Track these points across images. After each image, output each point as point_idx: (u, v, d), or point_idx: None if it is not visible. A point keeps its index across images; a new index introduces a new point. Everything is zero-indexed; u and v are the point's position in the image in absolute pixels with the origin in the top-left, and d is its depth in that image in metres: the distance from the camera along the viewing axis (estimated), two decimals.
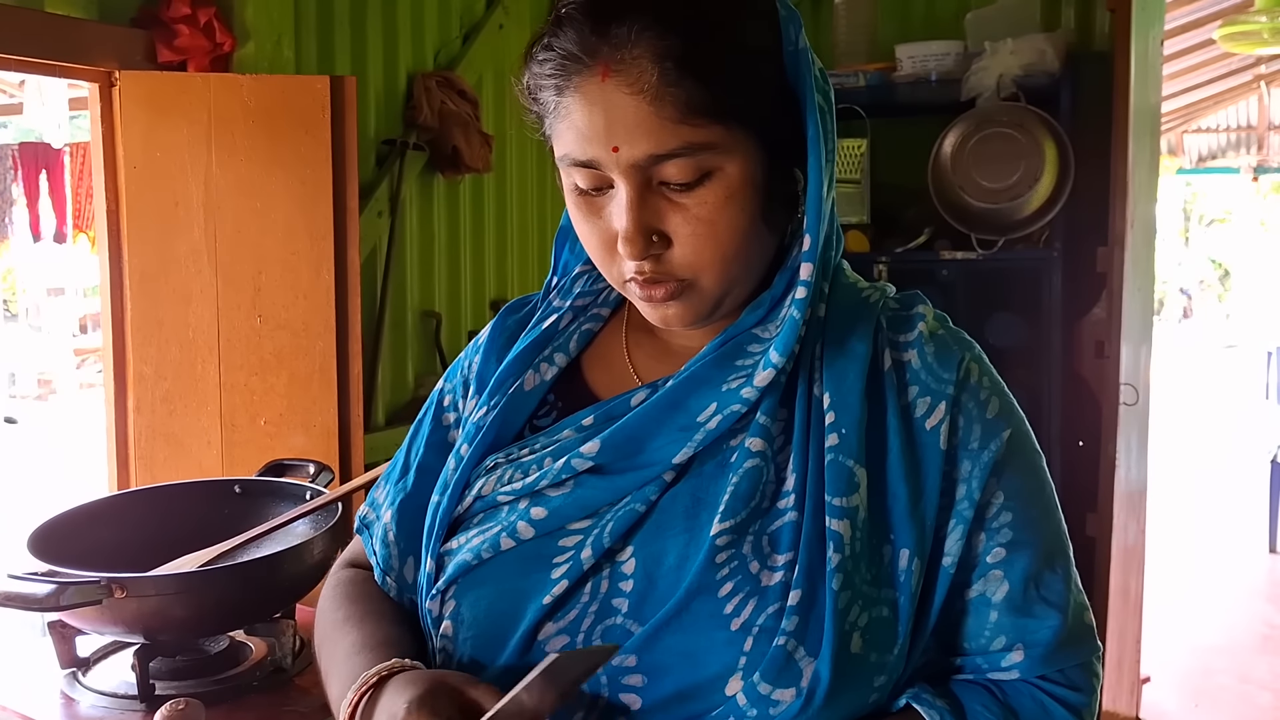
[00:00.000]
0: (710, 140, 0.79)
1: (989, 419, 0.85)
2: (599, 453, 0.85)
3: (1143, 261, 3.16)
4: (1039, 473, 0.87)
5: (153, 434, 1.91)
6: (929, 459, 0.83)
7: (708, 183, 0.80)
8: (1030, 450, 0.87)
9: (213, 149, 1.91)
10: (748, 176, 0.81)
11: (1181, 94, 9.02)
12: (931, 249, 3.07)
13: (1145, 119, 3.10)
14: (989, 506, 0.84)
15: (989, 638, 0.84)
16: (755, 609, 0.78)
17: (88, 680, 1.53)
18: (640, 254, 0.81)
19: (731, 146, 0.80)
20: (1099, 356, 3.00)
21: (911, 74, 3.09)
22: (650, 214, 0.81)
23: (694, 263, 0.82)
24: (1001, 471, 0.84)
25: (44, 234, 7.46)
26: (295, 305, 1.95)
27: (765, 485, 0.82)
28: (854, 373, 0.84)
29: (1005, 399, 0.87)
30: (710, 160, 0.79)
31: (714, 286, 0.84)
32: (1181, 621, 4.71)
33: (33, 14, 1.81)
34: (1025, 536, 0.84)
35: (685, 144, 0.78)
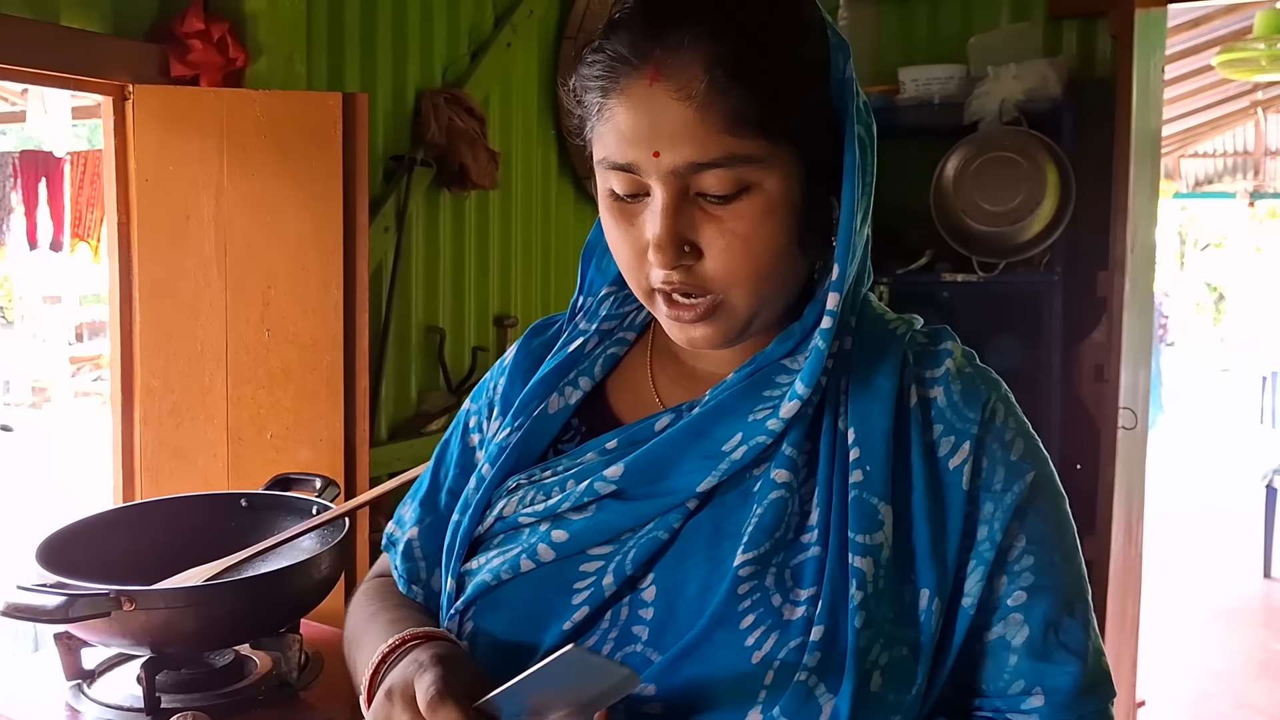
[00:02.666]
0: (753, 153, 0.78)
1: (1013, 461, 0.84)
2: (621, 477, 0.85)
3: (1142, 286, 3.18)
4: (1062, 517, 0.86)
5: (159, 446, 1.92)
6: (951, 499, 0.83)
7: (745, 196, 0.80)
8: (1054, 493, 0.86)
9: (224, 163, 1.92)
10: (786, 195, 0.81)
11: (1179, 119, 9.07)
12: (933, 271, 3.09)
13: (1146, 144, 3.12)
14: (1011, 549, 0.83)
15: (1008, 681, 0.83)
16: (777, 643, 0.78)
17: (93, 692, 1.53)
18: (671, 262, 0.81)
19: (774, 162, 0.79)
20: (1098, 380, 3.02)
21: (915, 97, 3.12)
22: (684, 223, 0.80)
23: (725, 277, 0.81)
24: (1025, 514, 0.83)
25: (41, 242, 7.48)
26: (304, 320, 1.96)
27: (790, 518, 0.82)
28: (879, 408, 0.84)
29: (1030, 441, 0.86)
30: (751, 174, 0.79)
31: (744, 304, 0.83)
32: (1178, 646, 4.72)
33: (48, 27, 1.82)
34: (1046, 581, 0.83)
35: (728, 154, 0.78)
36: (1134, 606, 3.31)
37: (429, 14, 2.59)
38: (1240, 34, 6.12)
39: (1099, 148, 2.95)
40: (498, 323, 2.84)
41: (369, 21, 2.42)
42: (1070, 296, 3.00)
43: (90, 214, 7.91)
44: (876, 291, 3.03)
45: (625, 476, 0.85)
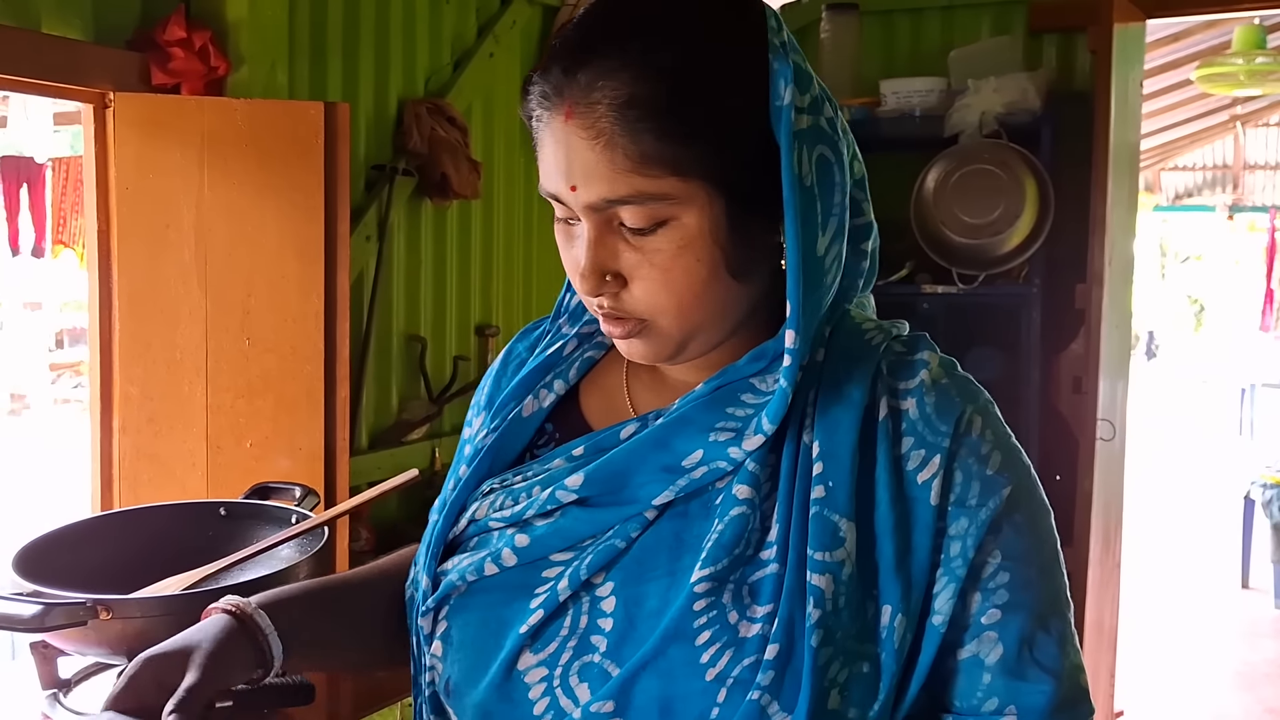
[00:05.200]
0: (663, 191, 0.79)
1: (989, 475, 0.82)
2: (582, 485, 0.86)
3: (1120, 298, 3.20)
4: (1041, 531, 0.84)
5: (137, 454, 1.91)
6: (919, 514, 0.81)
7: (662, 230, 0.80)
8: (1034, 507, 0.84)
9: (205, 172, 1.92)
10: (705, 229, 0.80)
11: (1159, 132, 9.15)
12: (913, 282, 3.11)
13: (1124, 158, 3.15)
14: (985, 566, 0.81)
15: (981, 699, 0.82)
16: (731, 660, 0.78)
17: (69, 702, 1.52)
18: (593, 291, 0.83)
19: (688, 198, 0.79)
20: (1076, 392, 3.04)
21: (895, 109, 3.14)
22: (607, 253, 0.82)
23: (647, 306, 0.83)
24: (1000, 529, 0.81)
25: (22, 248, 7.43)
26: (284, 328, 1.96)
27: (750, 533, 0.81)
28: (846, 422, 0.82)
29: (1010, 454, 0.84)
30: (664, 210, 0.79)
31: (672, 328, 0.84)
32: (1155, 657, 4.74)
33: (29, 34, 1.82)
34: (1022, 598, 0.81)
35: (636, 192, 0.79)
36: (1112, 617, 3.33)
37: (412, 24, 2.60)
38: (1219, 49, 6.18)
39: (1078, 161, 2.98)
40: (479, 332, 2.85)
41: (351, 31, 2.43)
42: (1049, 309, 3.02)
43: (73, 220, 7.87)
44: None
45: (586, 485, 0.85)
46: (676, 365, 0.90)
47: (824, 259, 0.82)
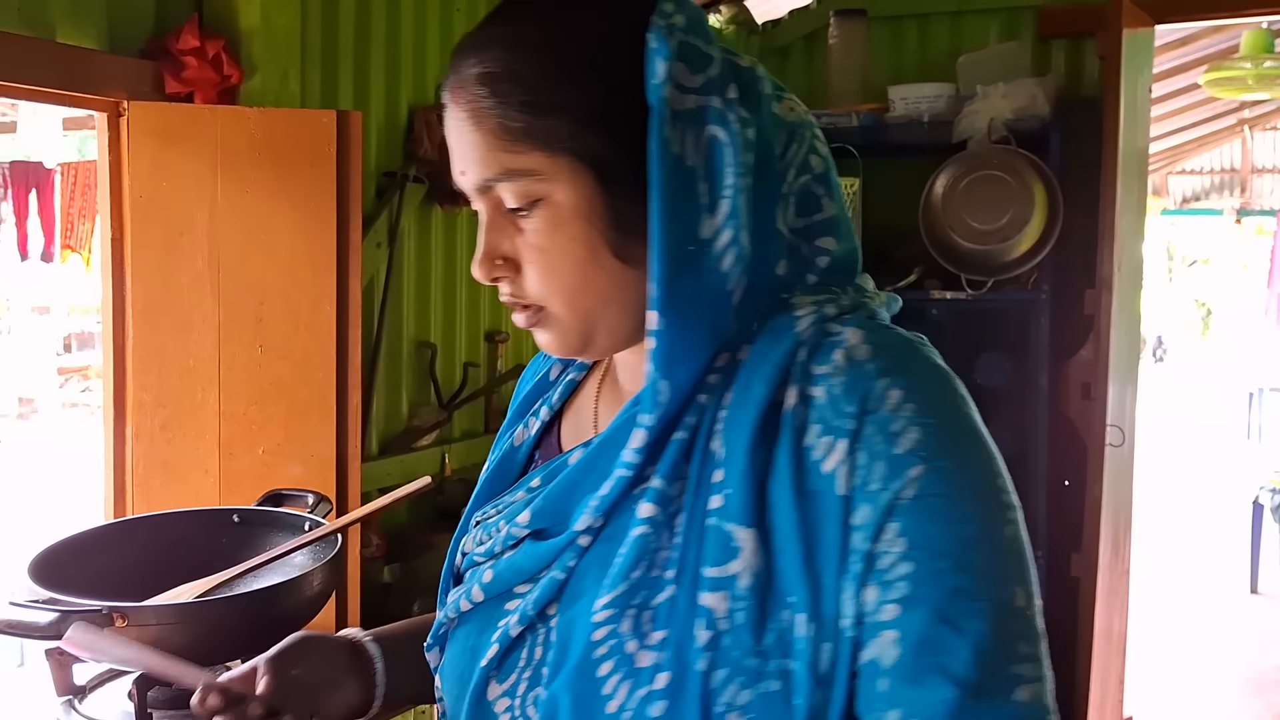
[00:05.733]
0: (530, 167, 0.79)
1: (896, 454, 0.73)
2: (530, 520, 0.85)
3: (1129, 304, 3.20)
4: (962, 519, 0.73)
5: (150, 461, 1.92)
6: (825, 508, 0.74)
7: (537, 210, 0.80)
8: (954, 490, 0.73)
9: (218, 180, 1.93)
10: (578, 208, 0.79)
11: (1167, 136, 9.14)
12: (921, 288, 3.10)
13: (1133, 163, 3.15)
14: (884, 556, 0.72)
15: (881, 710, 0.72)
16: (629, 691, 0.74)
17: (84, 708, 1.53)
18: (486, 276, 0.83)
19: (556, 175, 0.79)
20: (1086, 398, 3.03)
21: (904, 115, 3.14)
22: (499, 238, 0.82)
23: (538, 290, 0.82)
24: (904, 514, 0.72)
25: (31, 252, 7.46)
26: (296, 336, 1.97)
27: (654, 555, 0.77)
28: (744, 420, 0.77)
29: (929, 431, 0.73)
30: (536, 187, 0.80)
31: (566, 316, 0.82)
32: (1164, 662, 4.73)
33: (44, 44, 1.83)
34: (924, 592, 0.71)
35: (505, 170, 0.79)
36: (1121, 623, 3.32)
37: (422, 30, 2.61)
38: (1227, 53, 6.18)
39: (1086, 167, 2.98)
40: (489, 338, 2.85)
41: (362, 38, 2.44)
42: (1058, 314, 3.02)
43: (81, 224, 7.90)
44: None
45: (533, 519, 0.84)
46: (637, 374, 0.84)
47: (710, 242, 0.78)
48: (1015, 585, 0.73)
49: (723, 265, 0.78)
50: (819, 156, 0.85)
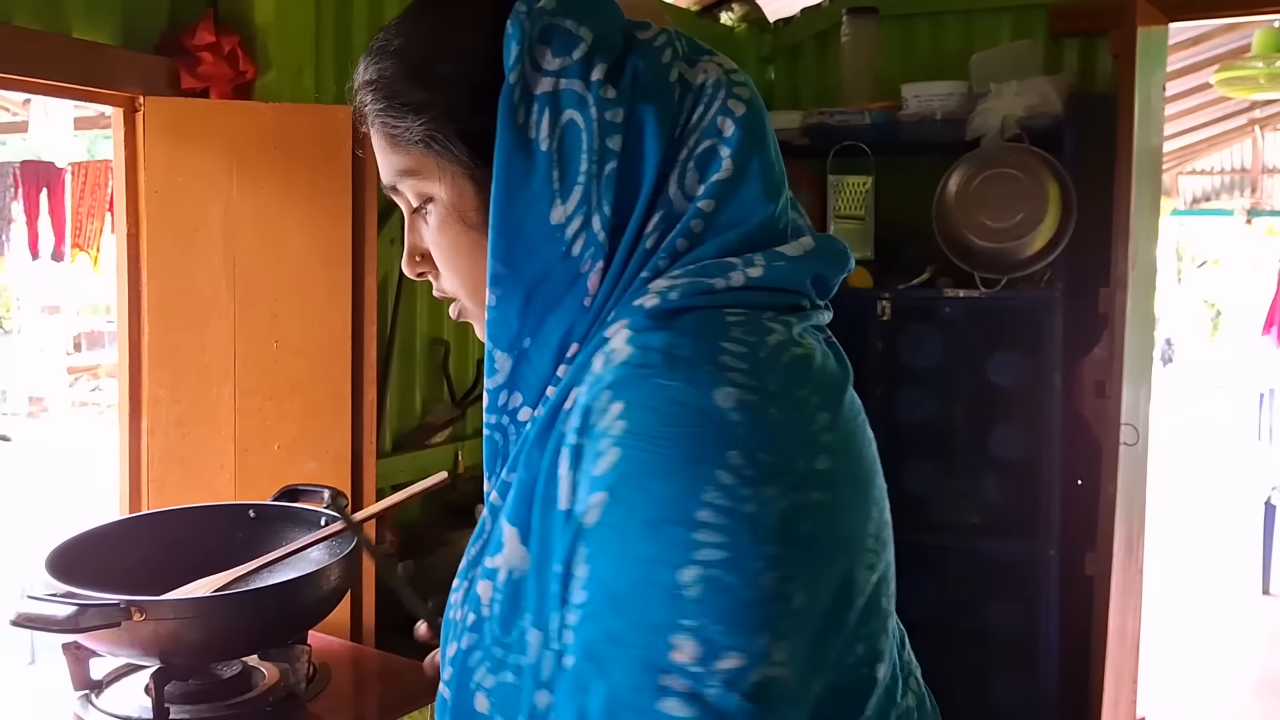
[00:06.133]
0: (411, 167, 0.83)
1: (594, 476, 0.70)
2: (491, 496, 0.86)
3: (1143, 303, 3.19)
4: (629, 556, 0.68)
5: (166, 457, 1.92)
6: (555, 520, 0.73)
7: (429, 207, 0.84)
8: (628, 525, 0.68)
9: (234, 175, 1.93)
10: (458, 202, 0.82)
11: (1177, 136, 9.12)
12: (934, 286, 3.09)
13: (1147, 162, 3.13)
14: (574, 580, 0.70)
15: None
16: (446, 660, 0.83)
17: (101, 702, 1.53)
18: (411, 273, 0.89)
19: (432, 172, 0.82)
20: (1100, 396, 3.02)
21: (916, 113, 3.13)
22: (415, 236, 0.87)
23: (449, 285, 0.87)
24: (588, 541, 0.70)
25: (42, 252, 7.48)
26: (311, 331, 1.96)
27: (482, 537, 0.82)
28: (539, 419, 0.78)
29: (626, 455, 0.69)
30: (422, 186, 0.83)
31: (474, 307, 0.86)
32: (1177, 663, 4.72)
33: (60, 39, 1.83)
34: (586, 626, 0.69)
35: (395, 171, 0.84)
36: (1134, 623, 3.31)
37: None
38: (1239, 52, 6.16)
39: (1100, 165, 2.96)
40: None
41: (376, 33, 2.43)
42: (1072, 313, 3.01)
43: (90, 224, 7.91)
44: (879, 306, 3.06)
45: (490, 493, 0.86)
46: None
47: (561, 228, 0.78)
48: (677, 636, 0.66)
49: (573, 251, 0.78)
50: (730, 118, 0.80)
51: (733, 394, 0.69)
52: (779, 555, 0.67)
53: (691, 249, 0.78)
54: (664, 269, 0.77)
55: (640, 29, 0.83)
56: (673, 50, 0.83)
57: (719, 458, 0.67)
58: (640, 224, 0.78)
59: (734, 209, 0.79)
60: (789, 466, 0.70)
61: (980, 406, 3.14)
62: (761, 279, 0.76)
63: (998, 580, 3.10)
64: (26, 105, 7.64)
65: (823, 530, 0.71)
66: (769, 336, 0.74)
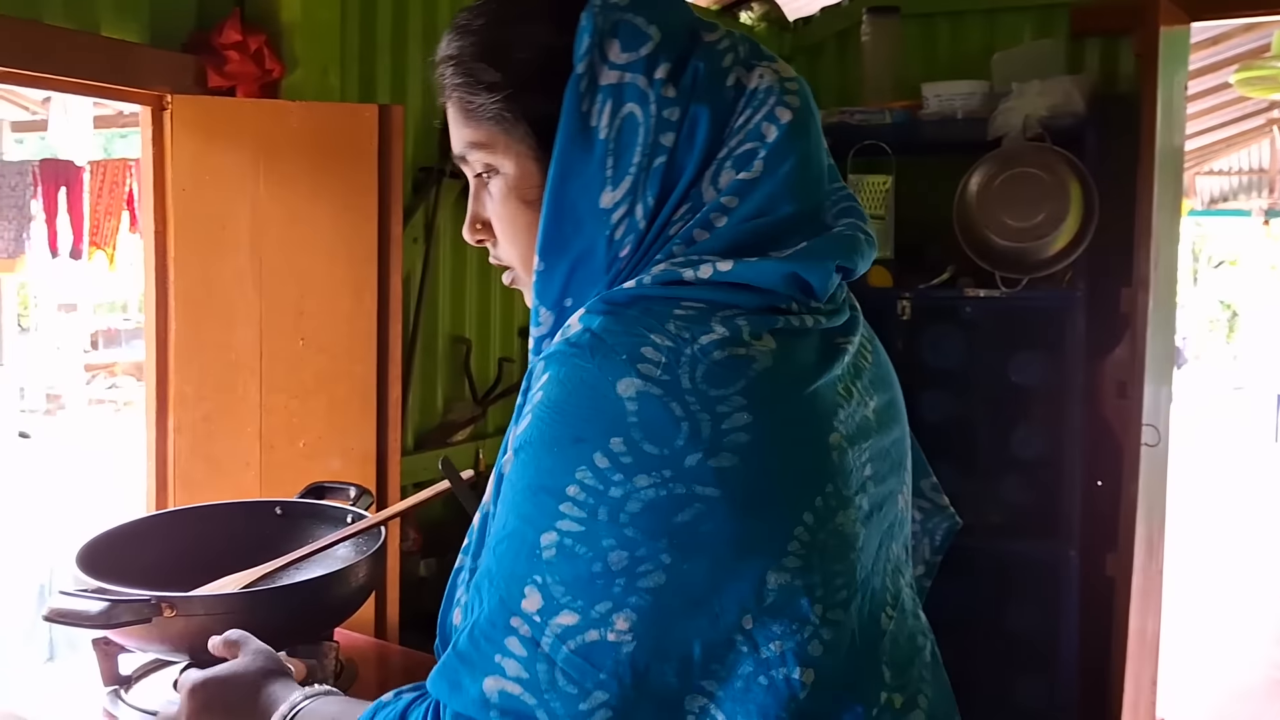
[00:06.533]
0: (483, 139, 0.89)
1: (515, 435, 0.81)
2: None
3: (1165, 303, 3.17)
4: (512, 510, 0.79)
5: (192, 453, 1.93)
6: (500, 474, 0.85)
7: (495, 178, 0.90)
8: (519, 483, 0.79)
9: (260, 173, 1.94)
10: (520, 178, 0.88)
11: (1195, 136, 9.08)
12: (955, 286, 3.09)
13: (1169, 162, 3.12)
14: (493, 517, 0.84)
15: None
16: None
17: (130, 697, 1.54)
18: (471, 239, 0.95)
19: (502, 146, 0.88)
20: (1121, 397, 3.01)
21: (937, 112, 3.12)
22: (478, 205, 0.93)
23: (505, 254, 0.93)
24: (501, 490, 0.82)
25: (61, 250, 7.51)
26: (337, 329, 1.97)
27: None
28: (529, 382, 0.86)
29: (535, 421, 0.79)
30: (489, 157, 0.89)
31: (526, 276, 0.91)
32: (1196, 665, 4.70)
33: (90, 37, 1.84)
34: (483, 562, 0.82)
35: (467, 142, 0.90)
36: (1154, 624, 3.30)
37: None
38: (1258, 52, 6.12)
39: (1122, 165, 2.95)
40: (523, 334, 2.85)
41: (400, 33, 2.44)
42: (1093, 313, 3.00)
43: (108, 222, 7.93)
44: (899, 305, 3.05)
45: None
46: None
47: (610, 212, 0.84)
48: (529, 587, 0.77)
49: (616, 235, 0.84)
50: (774, 124, 0.85)
51: (635, 384, 0.76)
52: (634, 538, 0.74)
53: (706, 238, 0.83)
54: (677, 253, 0.83)
55: (707, 30, 0.89)
56: (734, 55, 0.88)
57: (602, 441, 0.75)
58: (670, 213, 0.84)
59: (754, 205, 0.84)
60: (674, 460, 0.75)
61: (1001, 407, 3.13)
62: (729, 274, 0.81)
63: (1018, 581, 3.09)
64: (46, 104, 7.67)
65: (707, 521, 0.75)
66: (704, 334, 0.78)
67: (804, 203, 0.85)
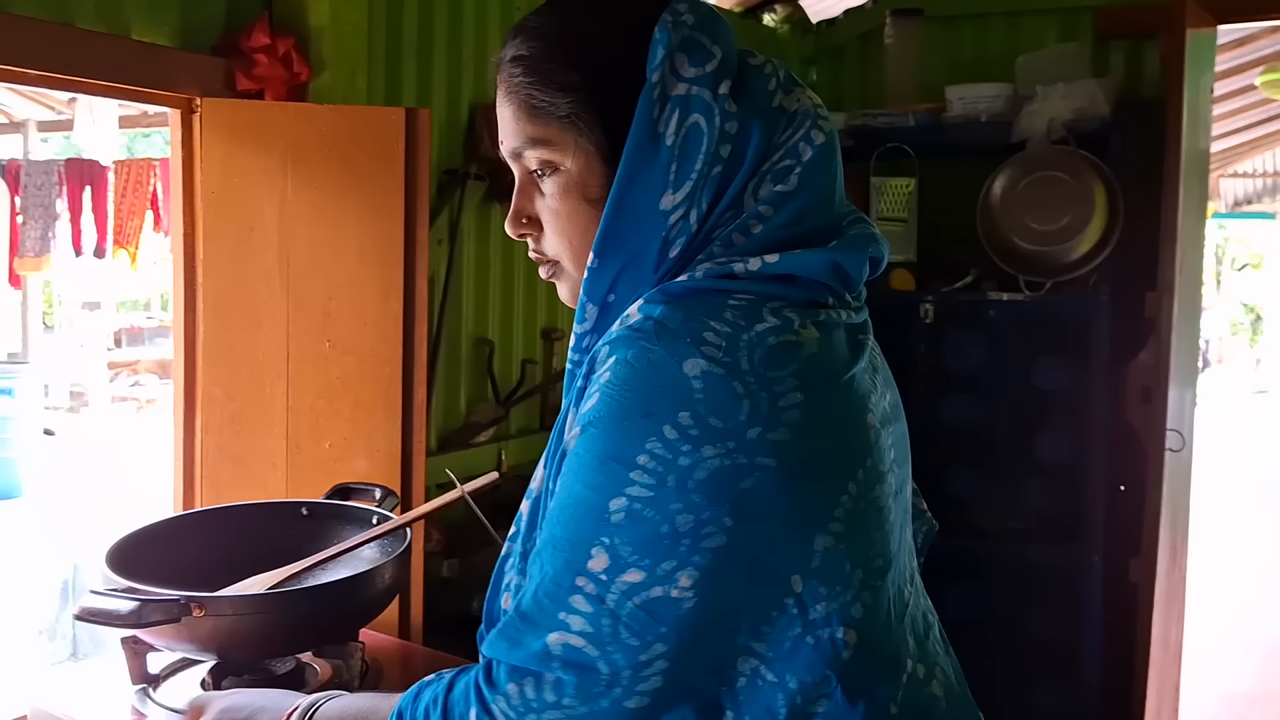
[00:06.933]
0: (546, 137, 0.92)
1: (581, 413, 0.86)
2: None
3: (1190, 307, 3.15)
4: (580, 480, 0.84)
5: (219, 454, 1.94)
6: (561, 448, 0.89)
7: (553, 175, 0.93)
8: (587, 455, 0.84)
9: (288, 176, 1.95)
10: (584, 176, 0.92)
11: (1219, 139, 9.01)
12: (978, 289, 3.08)
13: (1195, 165, 3.10)
14: (552, 495, 0.88)
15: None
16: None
17: (158, 696, 1.55)
18: (514, 233, 0.98)
19: (567, 145, 0.92)
20: (1145, 402, 2.99)
21: (961, 115, 3.11)
22: (525, 200, 0.96)
23: (554, 249, 0.96)
24: (566, 463, 0.86)
25: (85, 249, 7.57)
26: (363, 331, 1.98)
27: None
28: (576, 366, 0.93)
29: (603, 398, 0.84)
30: (552, 155, 0.92)
31: (575, 271, 0.95)
32: (1217, 671, 4.67)
33: (121, 41, 1.86)
34: (546, 528, 0.86)
35: (528, 139, 0.93)
36: (1178, 631, 3.28)
37: (484, 28, 2.62)
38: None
39: (1147, 168, 2.94)
40: (546, 336, 2.86)
41: (426, 36, 2.45)
42: (1117, 317, 2.98)
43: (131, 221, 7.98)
44: (922, 309, 3.04)
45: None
46: None
47: (668, 214, 0.89)
48: (596, 549, 0.82)
49: (670, 235, 0.89)
50: (810, 145, 0.93)
51: (700, 364, 0.82)
52: (700, 503, 0.80)
53: (744, 242, 0.90)
54: (717, 254, 0.90)
55: (750, 56, 0.96)
56: (776, 80, 0.95)
57: (670, 415, 0.81)
58: (718, 219, 0.91)
59: (788, 215, 0.91)
60: (737, 433, 0.81)
61: (1024, 411, 3.12)
62: (777, 265, 0.88)
63: (1041, 586, 3.08)
64: (71, 104, 7.73)
65: (765, 489, 0.82)
66: (759, 323, 0.85)
67: (829, 217, 0.94)
